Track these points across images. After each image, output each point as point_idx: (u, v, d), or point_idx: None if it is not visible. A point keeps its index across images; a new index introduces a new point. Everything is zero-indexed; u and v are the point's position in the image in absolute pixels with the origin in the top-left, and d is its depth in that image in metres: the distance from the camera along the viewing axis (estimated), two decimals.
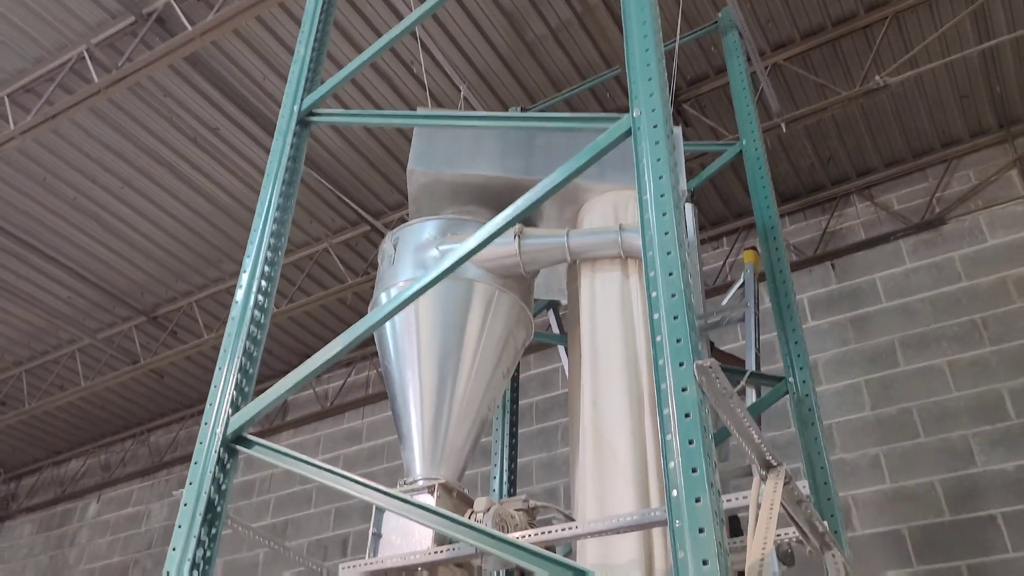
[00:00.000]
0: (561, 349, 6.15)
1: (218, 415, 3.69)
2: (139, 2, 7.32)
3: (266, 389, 12.41)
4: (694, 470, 2.55)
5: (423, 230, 5.06)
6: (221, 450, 3.61)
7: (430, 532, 4.21)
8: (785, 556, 4.83)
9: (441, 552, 4.06)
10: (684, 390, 2.71)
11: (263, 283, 4.15)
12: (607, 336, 4.54)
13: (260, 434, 11.77)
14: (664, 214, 3.10)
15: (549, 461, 9.18)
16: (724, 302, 5.75)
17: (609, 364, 4.44)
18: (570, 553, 5.32)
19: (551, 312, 6.43)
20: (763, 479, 3.21)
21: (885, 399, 7.84)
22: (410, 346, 4.75)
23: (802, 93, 7.97)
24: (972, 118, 8.35)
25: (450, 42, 7.70)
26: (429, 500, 4.34)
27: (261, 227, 4.29)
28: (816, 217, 9.11)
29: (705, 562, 2.40)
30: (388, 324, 4.85)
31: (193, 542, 3.37)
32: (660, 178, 3.19)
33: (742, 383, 5.25)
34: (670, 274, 2.96)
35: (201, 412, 12.60)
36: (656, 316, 2.91)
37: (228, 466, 3.63)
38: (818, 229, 9.03)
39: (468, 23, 7.55)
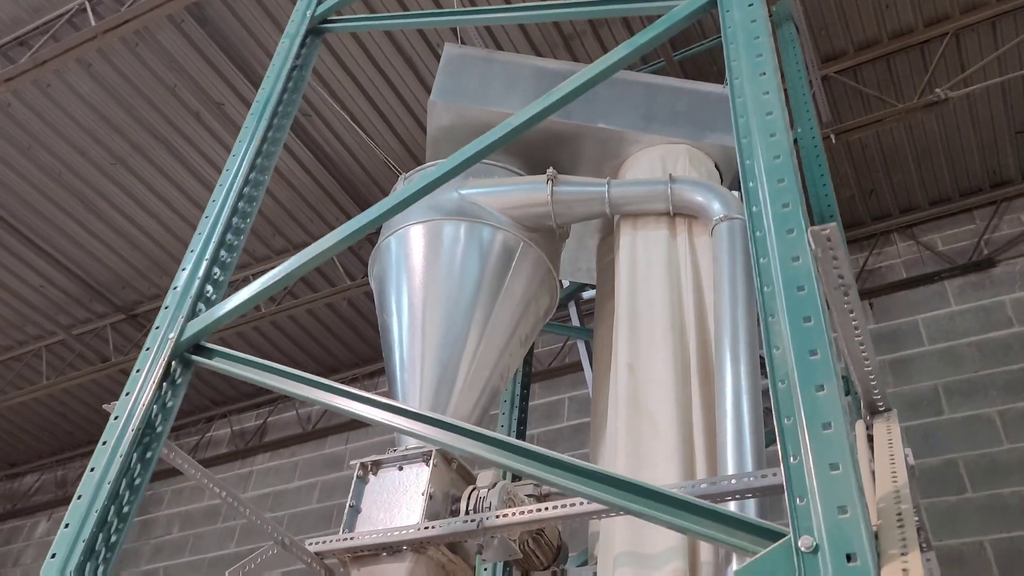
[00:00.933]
0: (581, 346, 5.43)
1: (174, 319, 2.96)
2: None
3: (244, 411, 11.57)
4: (813, 352, 1.84)
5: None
6: (173, 360, 2.87)
7: (420, 506, 3.43)
8: None
9: (434, 528, 3.28)
10: (795, 260, 2.01)
11: (247, 189, 3.47)
12: (649, 299, 3.84)
13: (233, 455, 10.88)
14: (763, 74, 2.45)
15: None
16: None
17: (651, 328, 3.73)
18: (585, 563, 4.48)
19: (571, 305, 5.73)
20: (868, 428, 2.48)
21: (927, 448, 7.06)
22: (415, 293, 4.05)
23: (849, 110, 7.44)
24: None
25: None
26: (423, 471, 3.56)
27: (259, 115, 3.64)
28: (853, 254, 8.48)
29: (835, 466, 1.66)
30: (392, 267, 4.16)
31: (118, 463, 2.60)
32: (756, 38, 2.56)
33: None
34: (772, 135, 2.29)
35: (173, 429, 11.71)
36: (752, 184, 2.23)
37: (179, 380, 2.88)
38: (855, 266, 8.38)
39: None
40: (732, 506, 2.99)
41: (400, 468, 3.65)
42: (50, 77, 7.64)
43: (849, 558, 1.54)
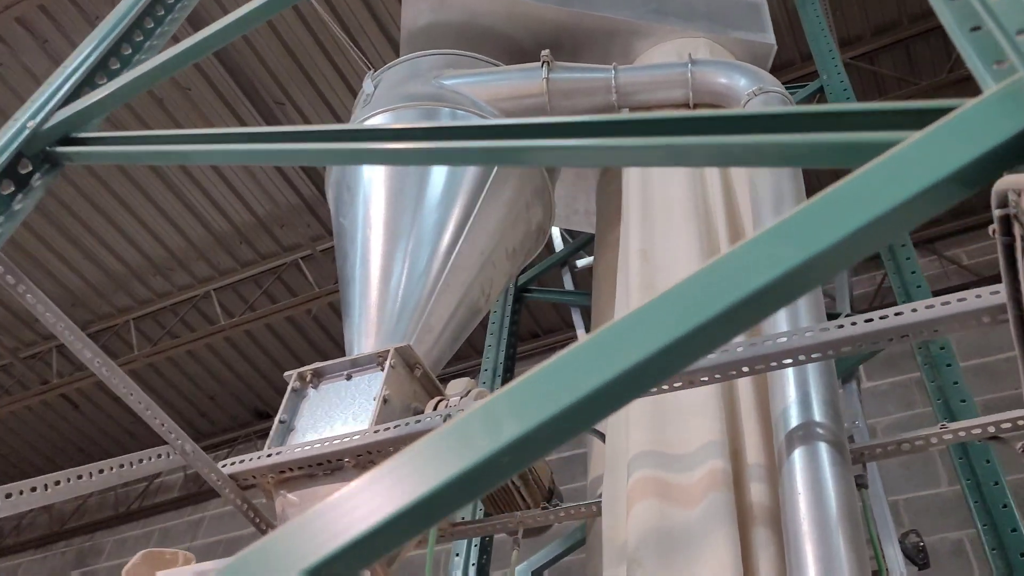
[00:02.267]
0: (575, 314, 4.64)
1: (39, 108, 2.20)
2: None
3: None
4: None
5: (416, 66, 3.73)
6: (27, 153, 2.10)
7: (370, 412, 2.61)
8: (916, 551, 3.16)
9: (387, 431, 2.44)
10: None
11: None
12: (665, 186, 3.13)
13: (184, 500, 9.79)
14: None
15: None
16: None
17: (669, 212, 3.01)
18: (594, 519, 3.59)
19: (565, 271, 4.97)
20: None
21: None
22: (380, 187, 3.30)
23: (865, 100, 6.88)
24: None
25: None
26: (377, 376, 2.74)
27: None
28: (869, 272, 7.78)
29: None
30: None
31: None
32: None
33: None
34: None
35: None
36: None
37: (36, 183, 2.10)
38: (872, 284, 7.68)
39: None
40: (790, 380, 2.20)
41: (348, 377, 2.84)
42: None
43: None
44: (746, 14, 3.89)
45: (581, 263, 5.03)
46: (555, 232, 5.08)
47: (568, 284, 4.87)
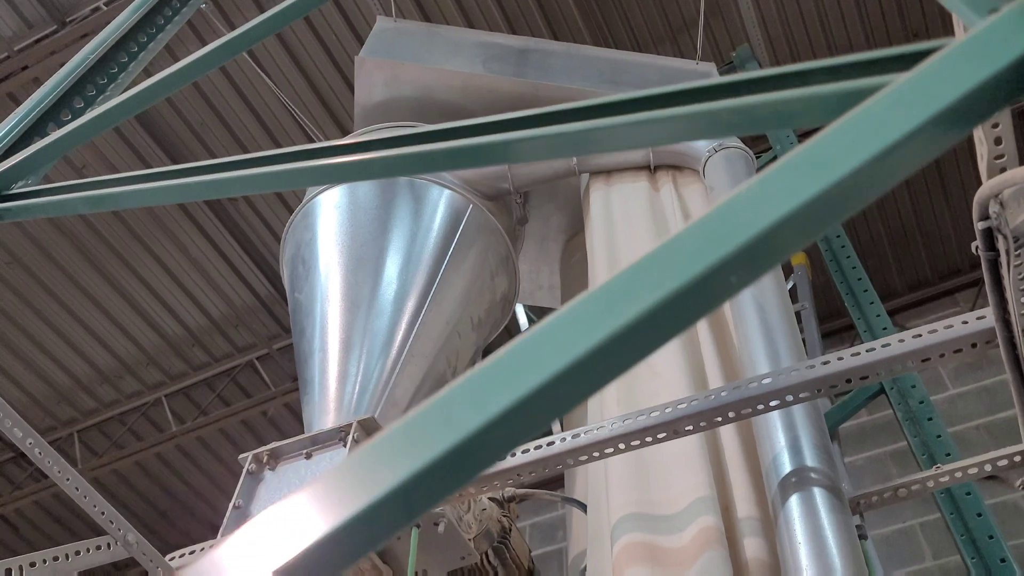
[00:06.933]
0: None
1: None
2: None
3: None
4: None
5: None
6: None
7: None
8: None
9: None
10: None
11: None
12: (633, 245, 3.07)
13: None
14: None
15: None
16: None
17: None
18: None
19: None
20: None
21: (950, 544, 6.03)
22: (338, 258, 3.20)
23: None
24: None
25: None
26: (339, 454, 2.57)
27: None
28: (835, 346, 7.77)
29: None
30: (309, 235, 3.31)
31: None
32: None
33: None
34: None
35: None
36: None
37: None
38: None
39: None
40: (778, 426, 2.07)
41: (308, 456, 2.64)
42: None
43: None
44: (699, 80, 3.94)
45: None
46: (523, 319, 4.97)
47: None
